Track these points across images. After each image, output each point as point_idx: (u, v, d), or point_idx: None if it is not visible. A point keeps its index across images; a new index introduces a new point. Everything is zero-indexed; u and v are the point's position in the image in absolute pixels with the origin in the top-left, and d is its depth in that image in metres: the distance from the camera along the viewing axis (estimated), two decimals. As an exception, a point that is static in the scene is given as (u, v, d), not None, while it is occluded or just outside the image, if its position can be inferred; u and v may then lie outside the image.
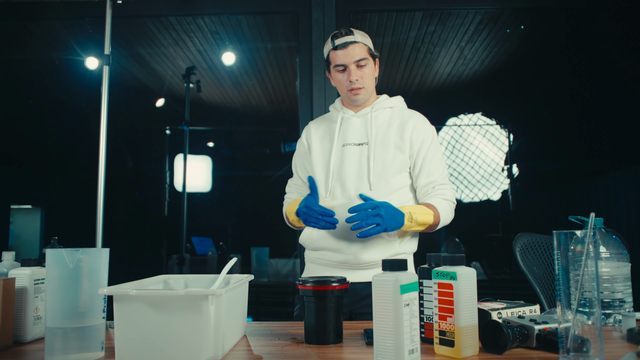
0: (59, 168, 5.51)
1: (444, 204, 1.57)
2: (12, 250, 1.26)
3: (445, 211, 1.57)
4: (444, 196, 1.58)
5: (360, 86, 1.61)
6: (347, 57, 1.58)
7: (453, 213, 1.62)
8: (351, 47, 1.58)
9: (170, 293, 0.93)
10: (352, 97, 1.63)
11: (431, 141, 1.62)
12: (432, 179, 1.60)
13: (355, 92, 1.62)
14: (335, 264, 1.60)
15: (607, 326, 1.18)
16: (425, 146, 1.60)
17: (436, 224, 1.55)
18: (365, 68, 1.60)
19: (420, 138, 1.61)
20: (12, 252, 1.25)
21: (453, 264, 0.97)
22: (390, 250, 1.56)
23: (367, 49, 1.61)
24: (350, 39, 1.58)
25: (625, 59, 4.05)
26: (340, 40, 1.59)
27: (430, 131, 1.64)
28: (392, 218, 1.43)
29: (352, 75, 1.59)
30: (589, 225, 0.93)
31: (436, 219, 1.54)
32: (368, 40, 1.63)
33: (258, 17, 3.67)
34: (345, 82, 1.61)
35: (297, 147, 1.79)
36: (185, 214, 4.98)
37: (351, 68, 1.59)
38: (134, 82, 4.92)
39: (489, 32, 3.87)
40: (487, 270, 4.65)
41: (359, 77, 1.60)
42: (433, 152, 1.61)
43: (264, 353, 1.01)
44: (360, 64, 1.59)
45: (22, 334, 1.15)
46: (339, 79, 1.63)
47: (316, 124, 1.76)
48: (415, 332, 0.86)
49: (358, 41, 1.59)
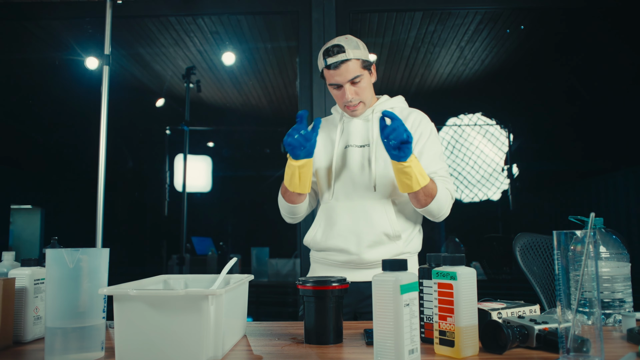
0: (59, 168, 5.51)
1: (445, 190, 1.52)
2: (12, 250, 1.26)
3: (444, 194, 1.51)
4: (445, 185, 1.54)
5: (356, 103, 1.59)
6: (341, 77, 1.54)
7: (450, 207, 1.56)
8: (344, 66, 1.53)
9: (170, 293, 0.93)
10: (350, 114, 1.63)
11: (429, 135, 1.60)
12: (432, 169, 1.56)
13: (353, 109, 1.61)
14: (340, 264, 1.60)
15: (607, 326, 1.18)
16: (423, 139, 1.59)
17: (432, 193, 1.47)
18: (360, 83, 1.57)
19: (419, 132, 1.60)
20: (12, 252, 1.25)
21: (453, 264, 0.97)
22: (395, 250, 1.55)
23: (360, 63, 1.55)
24: (342, 58, 1.52)
25: (624, 59, 4.06)
26: (332, 60, 1.54)
27: (429, 126, 1.62)
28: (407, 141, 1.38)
29: (347, 94, 1.56)
30: (589, 225, 0.93)
31: (434, 187, 1.47)
32: (361, 53, 1.57)
33: (258, 17, 3.67)
34: (342, 99, 1.60)
35: None
36: (185, 214, 4.98)
37: (346, 87, 1.56)
38: (134, 82, 4.92)
39: (489, 32, 3.87)
40: (487, 270, 4.65)
41: (354, 93, 1.57)
42: (431, 144, 1.59)
43: (264, 353, 1.01)
44: (355, 81, 1.56)
45: (22, 334, 1.15)
46: (335, 94, 1.61)
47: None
48: (415, 332, 0.86)
49: (350, 58, 1.53)
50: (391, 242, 1.55)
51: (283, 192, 1.62)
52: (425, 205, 1.50)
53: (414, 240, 1.62)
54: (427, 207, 1.50)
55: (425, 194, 1.46)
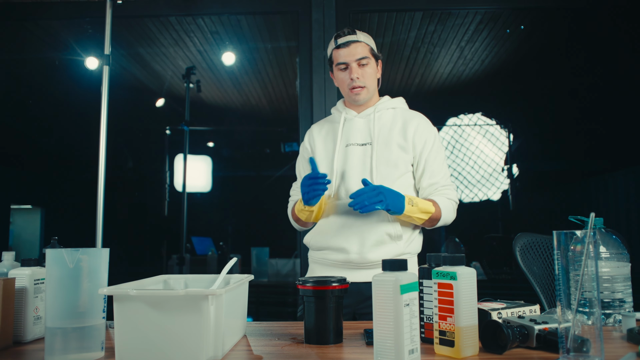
0: (59, 168, 5.51)
1: (447, 201, 1.58)
2: (12, 250, 1.26)
3: (447, 208, 1.57)
4: (447, 195, 1.59)
5: (361, 85, 1.61)
6: (349, 55, 1.60)
7: (455, 212, 1.63)
8: (353, 45, 1.60)
9: (170, 293, 0.93)
10: (353, 97, 1.64)
11: (433, 143, 1.63)
12: (434, 180, 1.61)
13: (357, 92, 1.62)
14: (339, 264, 1.60)
15: (607, 326, 1.18)
16: (427, 148, 1.61)
17: (437, 217, 1.55)
18: (367, 67, 1.62)
19: (423, 139, 1.61)
20: (12, 252, 1.25)
21: (453, 264, 0.97)
22: (396, 250, 1.56)
23: (369, 49, 1.63)
24: (352, 38, 1.61)
25: (624, 59, 4.05)
26: (343, 39, 1.61)
27: (433, 132, 1.64)
28: (393, 197, 1.45)
29: (353, 73, 1.60)
30: (589, 225, 0.93)
31: (437, 211, 1.54)
32: (371, 41, 1.65)
33: (258, 17, 3.67)
34: (347, 80, 1.62)
35: (300, 151, 1.79)
36: (185, 214, 4.98)
37: (352, 66, 1.60)
38: (134, 82, 4.92)
39: (489, 32, 3.87)
40: (487, 270, 4.65)
41: (360, 75, 1.61)
42: (435, 153, 1.62)
43: (264, 353, 1.01)
44: (362, 62, 1.61)
45: (22, 334, 1.15)
46: (341, 77, 1.64)
47: (318, 126, 1.77)
48: (415, 332, 0.86)
49: (360, 40, 1.61)
50: (393, 242, 1.56)
51: (295, 218, 1.69)
52: (433, 226, 1.60)
53: (415, 241, 1.62)
54: (434, 227, 1.60)
55: (430, 221, 1.56)
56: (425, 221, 1.55)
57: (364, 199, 1.41)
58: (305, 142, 1.77)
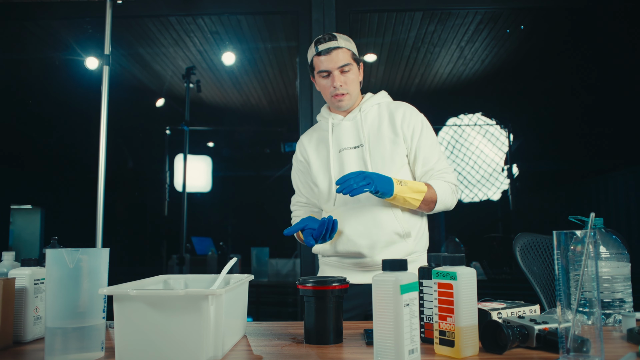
0: (59, 168, 5.51)
1: (442, 183, 1.55)
2: (12, 250, 1.26)
3: (444, 189, 1.54)
4: (444, 178, 1.57)
5: (344, 92, 1.60)
6: (331, 63, 1.57)
7: (455, 195, 1.59)
8: (334, 52, 1.57)
9: (170, 293, 0.93)
10: (336, 103, 1.63)
11: (421, 128, 1.60)
12: (428, 167, 1.59)
13: (339, 98, 1.61)
14: (350, 266, 1.60)
15: (607, 326, 1.18)
16: (416, 135, 1.59)
17: (433, 198, 1.51)
18: (349, 73, 1.59)
19: (411, 127, 1.60)
20: (12, 252, 1.25)
21: (453, 264, 0.97)
22: (406, 249, 1.55)
23: (350, 54, 1.60)
24: (333, 45, 1.57)
25: (624, 59, 4.05)
26: (324, 46, 1.57)
27: (419, 118, 1.63)
28: (381, 179, 1.42)
29: (336, 81, 1.58)
30: (589, 225, 0.93)
31: (431, 192, 1.51)
32: (352, 45, 1.62)
33: (258, 17, 3.67)
34: (329, 87, 1.60)
35: (294, 164, 1.78)
36: (185, 214, 4.97)
37: (335, 74, 1.58)
38: (134, 82, 4.92)
39: (489, 32, 3.87)
40: (487, 270, 4.65)
41: (343, 82, 1.59)
42: (425, 139, 1.60)
43: (264, 353, 1.01)
44: (344, 69, 1.58)
45: (22, 334, 1.15)
46: (323, 84, 1.62)
47: (308, 136, 1.75)
48: (415, 332, 0.86)
49: (341, 47, 1.58)
50: (402, 240, 1.55)
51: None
52: (431, 210, 1.56)
53: (423, 237, 1.62)
54: (434, 210, 1.56)
55: (426, 203, 1.52)
56: (422, 203, 1.51)
57: (351, 183, 1.37)
58: (297, 155, 1.75)
